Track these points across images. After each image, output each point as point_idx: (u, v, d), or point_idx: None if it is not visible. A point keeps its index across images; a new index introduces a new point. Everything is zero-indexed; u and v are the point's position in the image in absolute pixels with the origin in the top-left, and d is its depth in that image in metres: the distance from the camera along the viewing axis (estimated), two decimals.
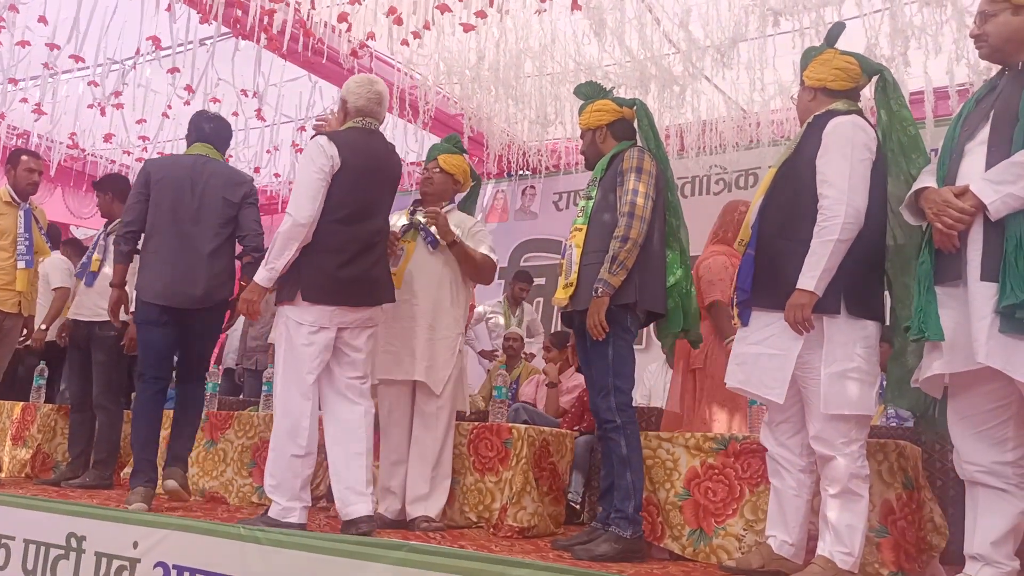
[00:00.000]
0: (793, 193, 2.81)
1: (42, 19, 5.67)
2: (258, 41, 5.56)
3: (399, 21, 5.24)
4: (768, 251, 2.81)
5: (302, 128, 7.72)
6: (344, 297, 3.40)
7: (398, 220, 4.01)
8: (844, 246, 2.66)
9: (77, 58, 6.26)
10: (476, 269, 3.91)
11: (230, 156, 8.43)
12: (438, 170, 4.02)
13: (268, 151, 8.08)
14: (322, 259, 3.38)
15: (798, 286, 2.66)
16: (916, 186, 2.66)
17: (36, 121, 7.40)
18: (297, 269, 3.38)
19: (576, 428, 4.85)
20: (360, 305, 3.46)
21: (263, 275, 3.40)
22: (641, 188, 3.28)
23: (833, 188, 2.68)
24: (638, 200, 3.26)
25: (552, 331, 7.07)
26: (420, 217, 3.91)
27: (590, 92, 3.64)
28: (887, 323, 2.84)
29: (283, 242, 3.34)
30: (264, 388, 4.95)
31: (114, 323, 4.38)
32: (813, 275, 2.64)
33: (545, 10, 5.44)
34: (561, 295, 3.40)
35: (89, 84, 6.71)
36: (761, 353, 2.79)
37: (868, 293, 2.77)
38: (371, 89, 3.66)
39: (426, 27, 5.42)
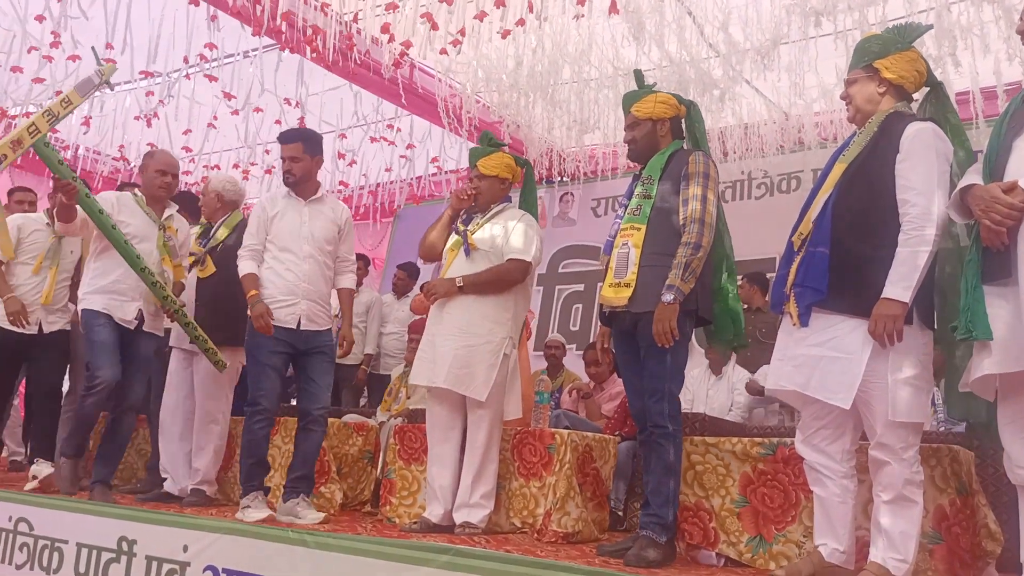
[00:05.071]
0: (867, 194, 2.73)
1: (109, 45, 5.78)
2: (303, 53, 5.63)
3: (435, 26, 5.26)
4: (839, 252, 2.71)
5: (343, 135, 7.79)
6: None
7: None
8: (932, 257, 2.61)
9: (147, 73, 6.38)
10: (497, 286, 3.82)
11: (273, 167, 8.59)
12: (480, 177, 4.00)
13: None
14: None
15: (889, 296, 2.58)
16: (962, 184, 2.61)
17: (85, 134, 7.55)
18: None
19: (618, 433, 4.83)
20: None
21: None
22: (710, 196, 3.26)
23: (922, 197, 2.62)
24: (708, 207, 3.24)
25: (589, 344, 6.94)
26: (472, 225, 3.93)
27: (642, 83, 3.61)
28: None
29: None
30: None
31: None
32: (907, 285, 2.57)
33: (584, 15, 5.43)
34: (613, 294, 3.32)
35: (147, 95, 6.85)
36: (823, 356, 2.70)
37: (929, 302, 2.73)
38: (239, 187, 4.84)
39: (462, 33, 5.44)
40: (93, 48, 4.50)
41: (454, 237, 3.97)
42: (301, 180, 4.14)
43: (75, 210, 4.16)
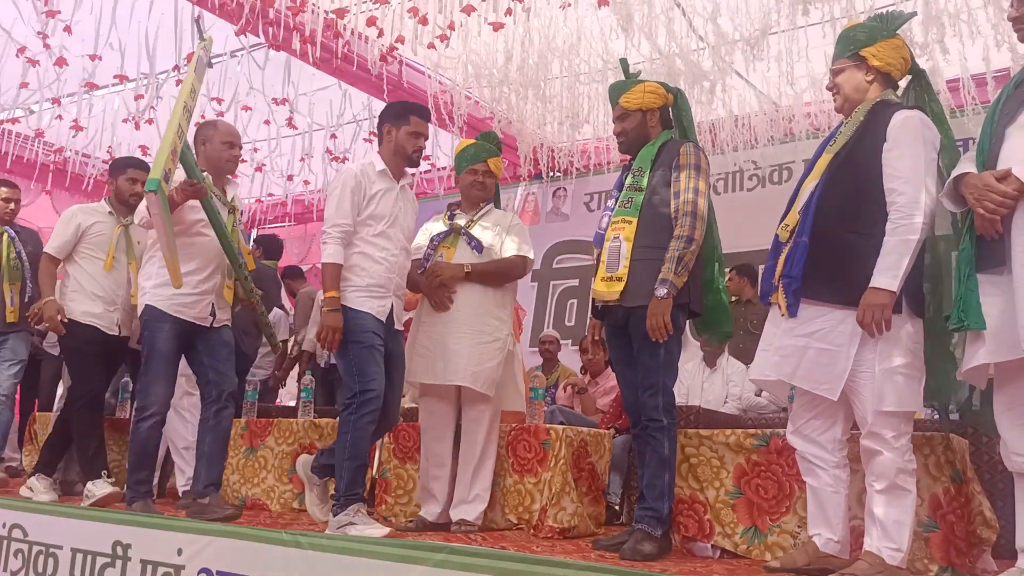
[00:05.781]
0: (853, 182, 2.73)
1: (67, 29, 5.69)
2: (290, 48, 5.60)
3: (424, 21, 5.24)
4: (826, 242, 2.71)
5: (333, 136, 7.77)
6: None
7: (434, 226, 4.00)
8: (919, 245, 2.60)
9: (122, 78, 6.33)
10: (501, 277, 3.85)
11: (263, 165, 8.58)
12: (487, 174, 3.94)
13: (302, 159, 8.14)
14: None
15: (877, 286, 2.58)
16: (955, 172, 2.61)
17: (73, 137, 7.52)
18: None
19: (613, 427, 4.82)
20: None
21: None
22: (701, 187, 3.25)
23: (909, 185, 2.61)
24: (700, 200, 3.23)
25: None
26: (460, 222, 3.90)
27: (628, 71, 3.59)
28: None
29: None
30: (303, 395, 4.98)
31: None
32: (894, 275, 2.56)
33: (571, 5, 5.41)
34: (605, 288, 3.30)
35: (136, 98, 6.81)
36: (808, 347, 2.71)
37: (918, 290, 2.72)
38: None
39: (451, 27, 5.42)
40: (197, 20, 4.15)
41: (448, 233, 3.93)
42: None
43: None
